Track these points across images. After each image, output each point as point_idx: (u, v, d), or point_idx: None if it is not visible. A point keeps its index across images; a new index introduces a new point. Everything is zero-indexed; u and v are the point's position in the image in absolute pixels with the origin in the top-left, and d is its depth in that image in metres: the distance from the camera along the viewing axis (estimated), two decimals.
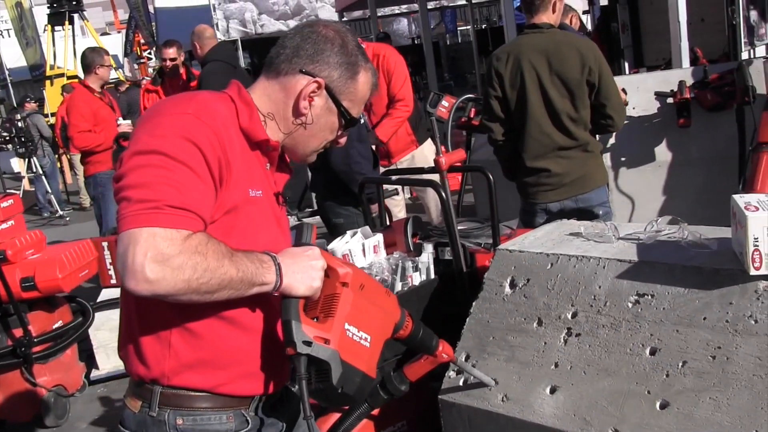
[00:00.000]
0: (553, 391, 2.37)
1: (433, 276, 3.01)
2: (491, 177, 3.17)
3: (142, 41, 25.30)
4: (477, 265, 3.25)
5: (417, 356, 2.28)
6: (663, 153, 6.10)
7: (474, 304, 2.74)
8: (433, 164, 3.28)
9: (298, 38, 1.91)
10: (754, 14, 9.69)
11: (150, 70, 26.48)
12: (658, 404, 2.15)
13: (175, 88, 7.51)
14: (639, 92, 6.00)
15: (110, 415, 4.97)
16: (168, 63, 7.42)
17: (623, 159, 6.11)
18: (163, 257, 1.55)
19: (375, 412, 2.79)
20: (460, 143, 10.94)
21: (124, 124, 7.24)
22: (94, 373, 5.49)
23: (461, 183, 6.83)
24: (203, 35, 6.86)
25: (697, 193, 5.98)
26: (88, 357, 5.52)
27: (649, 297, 2.34)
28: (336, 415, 2.66)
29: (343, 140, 2.02)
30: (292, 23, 15.02)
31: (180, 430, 1.81)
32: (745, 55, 8.98)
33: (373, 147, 4.97)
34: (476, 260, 3.27)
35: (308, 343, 1.72)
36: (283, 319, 1.74)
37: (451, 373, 2.62)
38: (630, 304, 2.36)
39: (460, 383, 2.58)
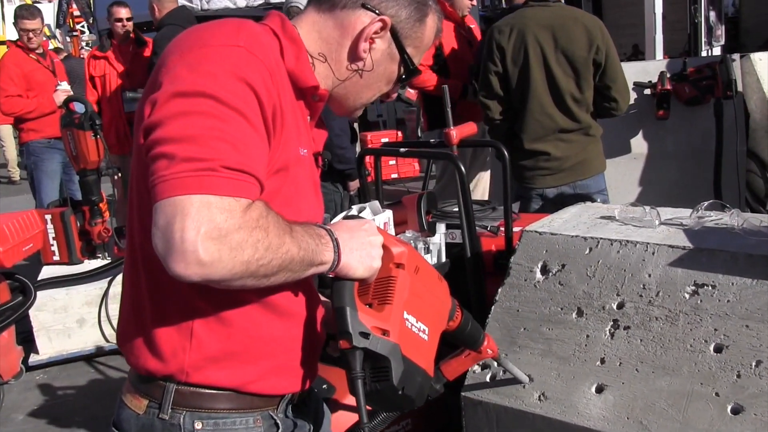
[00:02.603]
0: (600, 390, 2.11)
1: (444, 259, 2.73)
2: (507, 154, 2.90)
3: (76, 13, 24.25)
4: (483, 249, 2.99)
5: (456, 351, 1.98)
6: (638, 145, 5.95)
7: (500, 290, 2.46)
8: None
9: None
10: (712, 15, 9.71)
11: (83, 43, 25.42)
12: (729, 408, 1.91)
13: (125, 55, 7.01)
14: None
15: (50, 405, 4.53)
16: (119, 25, 6.88)
17: None
18: (220, 233, 1.22)
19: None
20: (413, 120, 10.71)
21: (61, 90, 6.72)
22: (33, 358, 5.03)
23: (427, 168, 6.51)
24: None
25: (670, 188, 5.85)
26: (24, 340, 5.06)
27: (710, 288, 2.09)
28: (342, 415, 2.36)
29: (395, 95, 1.72)
30: (240, 1, 14.56)
31: None
32: (704, 54, 8.98)
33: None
34: (481, 244, 3.01)
35: (365, 335, 1.42)
36: (335, 305, 1.44)
37: (476, 368, 2.34)
38: (687, 295, 2.12)
39: (487, 379, 2.31)
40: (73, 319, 5.07)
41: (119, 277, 5.11)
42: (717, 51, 9.80)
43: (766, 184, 5.97)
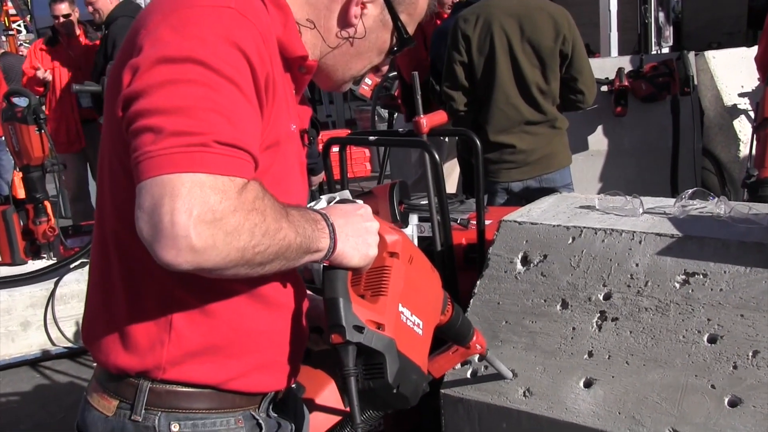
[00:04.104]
0: (588, 384, 2.02)
1: None
2: (478, 143, 2.79)
3: (12, 11, 23.53)
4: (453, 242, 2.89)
5: (443, 347, 1.87)
6: (595, 142, 5.94)
7: (479, 282, 2.36)
8: None
9: None
10: (661, 16, 9.79)
11: (18, 44, 24.72)
12: (726, 401, 1.83)
13: (74, 49, 6.78)
14: None
15: None
16: (61, 20, 6.66)
17: None
18: (215, 216, 1.09)
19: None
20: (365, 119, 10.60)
21: None
22: None
23: (383, 160, 6.37)
24: None
25: (627, 185, 5.80)
26: None
27: (701, 276, 2.02)
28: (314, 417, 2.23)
29: (385, 68, 1.60)
30: None
31: None
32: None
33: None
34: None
35: (360, 329, 1.31)
36: (327, 296, 1.32)
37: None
38: (677, 285, 2.04)
39: (468, 375, 2.20)
40: (17, 321, 4.82)
41: (66, 278, 4.91)
42: (666, 51, 9.88)
43: (720, 181, 6.01)
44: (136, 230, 1.12)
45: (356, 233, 1.35)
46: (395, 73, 6.47)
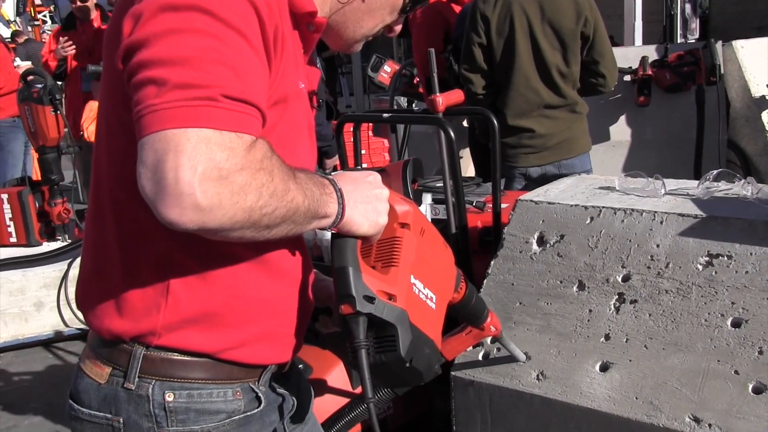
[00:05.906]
0: (605, 368, 1.94)
1: None
2: (495, 122, 2.71)
3: (38, 2, 23.67)
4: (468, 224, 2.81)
5: (456, 329, 1.80)
6: (617, 132, 5.83)
7: (493, 263, 2.28)
8: None
9: None
10: (688, 7, 9.65)
11: (43, 35, 24.83)
12: (750, 387, 1.75)
13: (88, 34, 6.75)
14: None
15: (4, 391, 4.27)
16: (78, 4, 6.63)
17: None
18: (221, 174, 1.03)
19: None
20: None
21: (23, 65, 6.46)
22: None
23: (404, 138, 6.23)
24: None
25: (649, 176, 5.72)
26: None
27: (725, 258, 1.93)
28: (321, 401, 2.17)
29: (398, 28, 1.53)
30: None
31: (170, 409, 1.27)
32: None
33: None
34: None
35: (370, 299, 1.24)
36: (336, 265, 1.26)
37: None
38: (700, 267, 1.95)
39: (479, 357, 2.12)
40: (30, 302, 4.80)
41: (80, 259, 4.87)
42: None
43: (746, 174, 5.89)
44: (133, 190, 1.07)
45: (365, 200, 1.28)
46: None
